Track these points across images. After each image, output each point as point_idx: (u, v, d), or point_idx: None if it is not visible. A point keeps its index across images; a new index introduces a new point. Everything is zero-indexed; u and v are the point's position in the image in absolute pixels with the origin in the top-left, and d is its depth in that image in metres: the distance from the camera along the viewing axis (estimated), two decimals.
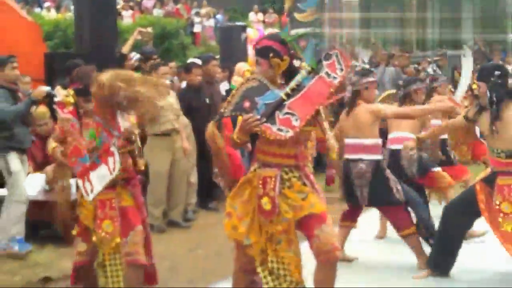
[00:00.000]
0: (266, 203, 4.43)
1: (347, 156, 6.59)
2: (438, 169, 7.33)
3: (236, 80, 10.53)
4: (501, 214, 5.68)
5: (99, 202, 5.10)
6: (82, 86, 5.18)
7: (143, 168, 5.42)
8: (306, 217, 4.41)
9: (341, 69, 4.28)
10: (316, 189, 4.54)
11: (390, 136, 7.41)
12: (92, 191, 5.02)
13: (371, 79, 6.64)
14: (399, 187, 6.45)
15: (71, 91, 5.27)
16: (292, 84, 4.34)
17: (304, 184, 4.50)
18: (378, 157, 6.53)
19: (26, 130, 7.22)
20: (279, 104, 4.29)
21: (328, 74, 4.25)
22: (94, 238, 5.14)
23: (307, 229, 4.43)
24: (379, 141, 6.60)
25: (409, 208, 6.57)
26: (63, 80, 8.17)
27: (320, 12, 4.19)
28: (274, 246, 4.46)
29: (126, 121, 5.26)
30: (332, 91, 4.31)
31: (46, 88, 7.07)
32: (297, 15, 4.13)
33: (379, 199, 6.51)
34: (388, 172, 6.50)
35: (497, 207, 5.71)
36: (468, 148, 8.18)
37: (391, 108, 6.83)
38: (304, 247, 4.54)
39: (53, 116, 7.34)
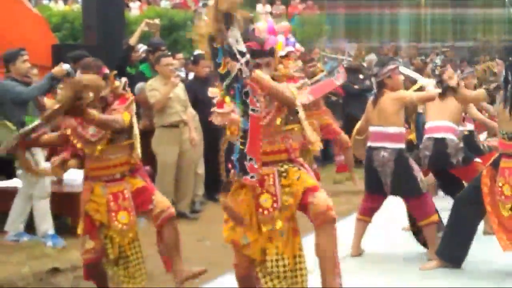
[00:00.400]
0: (266, 200, 4.46)
1: (370, 144, 6.58)
2: (479, 160, 7.31)
3: None
4: (502, 197, 5.68)
5: (111, 195, 5.12)
6: None
7: (138, 162, 5.42)
8: (302, 193, 4.47)
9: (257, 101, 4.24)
10: (310, 173, 4.62)
11: (429, 125, 7.37)
12: None
13: (391, 66, 6.59)
14: (422, 176, 6.45)
15: None
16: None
17: (299, 169, 4.57)
18: (401, 145, 6.48)
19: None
20: (242, 155, 4.26)
21: (253, 110, 4.19)
22: (110, 232, 5.16)
23: (303, 202, 4.48)
24: (403, 129, 6.57)
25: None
26: None
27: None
28: (276, 243, 4.47)
29: None
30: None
31: (66, 66, 7.07)
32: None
33: (403, 189, 6.48)
34: (411, 161, 6.48)
35: (499, 189, 5.70)
36: None
37: (416, 94, 6.78)
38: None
39: None
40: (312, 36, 19.14)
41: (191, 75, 10.36)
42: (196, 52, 9.98)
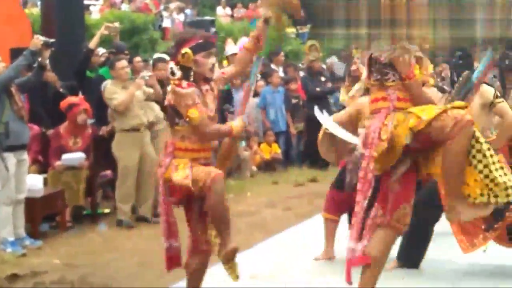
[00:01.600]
0: None
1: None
2: None
3: None
4: None
5: None
6: None
7: None
8: None
9: None
10: None
11: None
12: None
13: None
14: None
15: None
16: None
17: None
18: None
19: (23, 126, 7.15)
20: None
21: None
22: None
23: None
24: None
25: None
26: None
27: None
28: None
29: None
30: None
31: (41, 37, 7.02)
32: None
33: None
34: None
35: None
36: None
37: None
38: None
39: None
40: (274, 39, 19.15)
41: None
42: (156, 55, 9.99)
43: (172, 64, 4.72)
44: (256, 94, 12.01)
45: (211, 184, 4.59)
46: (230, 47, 13.16)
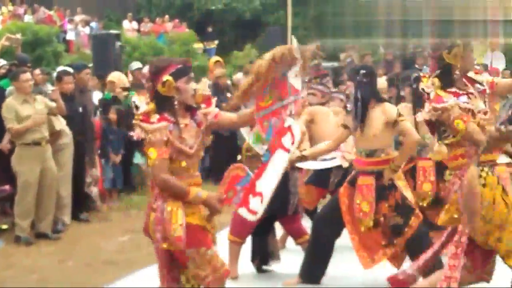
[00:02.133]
0: None
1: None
2: None
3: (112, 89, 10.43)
4: (361, 214, 5.85)
5: None
6: None
7: None
8: None
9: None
10: None
11: None
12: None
13: None
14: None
15: None
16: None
17: None
18: None
19: None
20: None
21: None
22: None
23: None
24: None
25: None
26: None
27: None
28: None
29: None
30: None
31: None
32: None
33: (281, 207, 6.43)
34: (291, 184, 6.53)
35: (358, 206, 5.87)
36: None
37: None
38: None
39: None
40: (181, 54, 19.15)
41: None
42: (60, 68, 9.79)
43: (135, 98, 4.41)
44: None
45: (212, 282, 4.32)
46: (134, 63, 13.11)
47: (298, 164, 6.33)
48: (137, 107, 4.36)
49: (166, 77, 4.28)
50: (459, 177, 4.79)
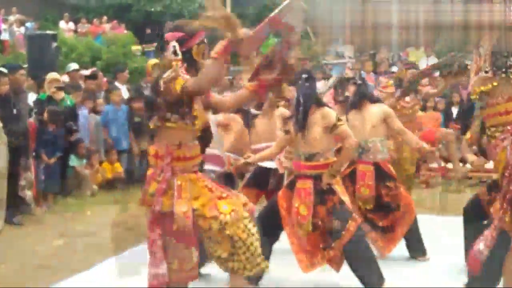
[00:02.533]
0: None
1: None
2: None
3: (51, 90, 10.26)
4: (299, 217, 5.87)
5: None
6: None
7: None
8: None
9: None
10: None
11: None
12: None
13: None
14: None
15: None
16: None
17: None
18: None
19: None
20: None
21: None
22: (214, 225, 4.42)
23: None
24: None
25: None
26: None
27: None
28: None
29: None
30: None
31: None
32: None
33: None
34: None
35: (296, 209, 5.89)
36: None
37: None
38: None
39: None
40: (119, 56, 18.95)
41: None
42: None
43: (175, 43, 4.28)
44: (97, 112, 11.81)
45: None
46: (71, 64, 12.97)
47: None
48: (175, 53, 4.18)
49: (201, 39, 4.27)
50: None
